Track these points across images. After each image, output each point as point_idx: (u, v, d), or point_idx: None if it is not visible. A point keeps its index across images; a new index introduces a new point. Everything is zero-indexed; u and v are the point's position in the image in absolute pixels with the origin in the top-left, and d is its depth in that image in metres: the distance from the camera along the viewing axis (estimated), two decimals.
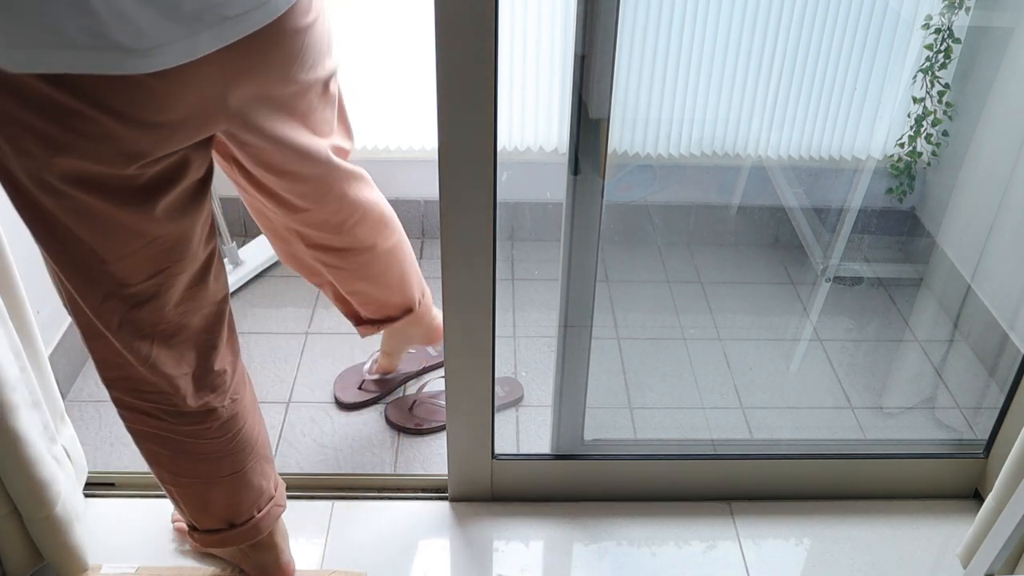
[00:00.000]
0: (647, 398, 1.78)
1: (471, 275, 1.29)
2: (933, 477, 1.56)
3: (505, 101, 2.02)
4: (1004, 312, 1.81)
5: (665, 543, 1.49)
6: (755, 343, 1.95)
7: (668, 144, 2.06)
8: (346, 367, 1.84)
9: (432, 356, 1.84)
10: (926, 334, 1.98)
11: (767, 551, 1.48)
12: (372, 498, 1.56)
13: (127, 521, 1.50)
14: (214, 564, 1.43)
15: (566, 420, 1.54)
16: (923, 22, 1.94)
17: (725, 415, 1.76)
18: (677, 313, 2.00)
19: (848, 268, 2.11)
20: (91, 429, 1.69)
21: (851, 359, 1.90)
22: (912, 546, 1.49)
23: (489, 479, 1.52)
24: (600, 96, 1.29)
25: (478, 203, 1.22)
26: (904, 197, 2.12)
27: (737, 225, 2.19)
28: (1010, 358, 1.74)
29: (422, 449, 1.67)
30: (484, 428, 1.45)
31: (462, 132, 1.17)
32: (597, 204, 1.37)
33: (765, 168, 2.16)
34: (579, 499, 1.55)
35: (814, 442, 1.70)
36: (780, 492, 1.56)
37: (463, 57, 1.11)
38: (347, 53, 1.68)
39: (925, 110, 2.01)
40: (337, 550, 1.46)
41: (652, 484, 1.55)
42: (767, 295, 2.07)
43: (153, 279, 1.07)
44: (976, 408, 1.78)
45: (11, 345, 1.22)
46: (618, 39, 1.25)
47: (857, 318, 2.01)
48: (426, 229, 2.28)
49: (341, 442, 1.69)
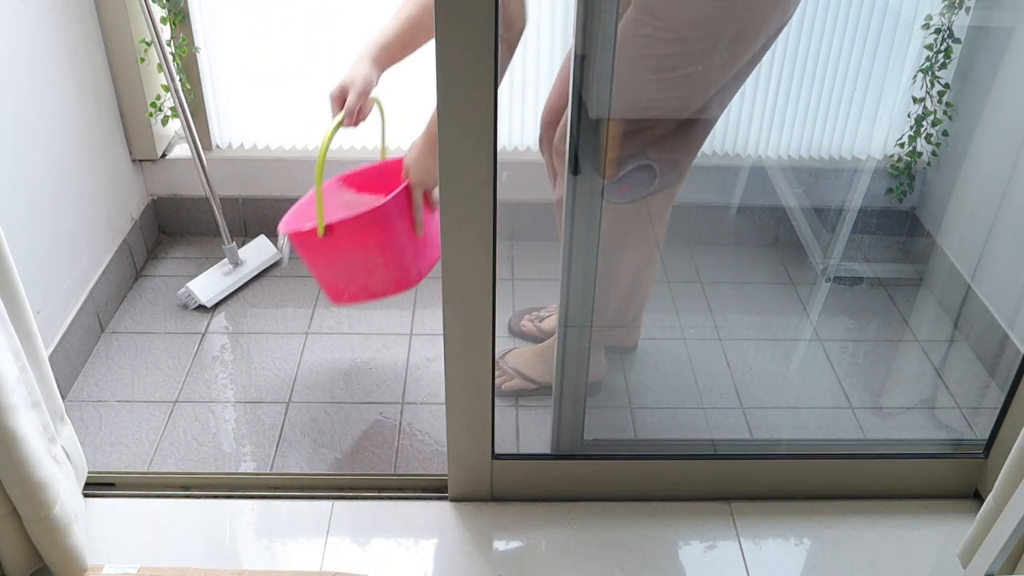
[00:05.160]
0: (647, 398, 1.79)
1: (471, 275, 1.29)
2: (933, 477, 1.56)
3: (505, 101, 2.02)
4: (1004, 312, 1.81)
5: (665, 543, 1.49)
6: (755, 343, 1.95)
7: None
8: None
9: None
10: (926, 334, 1.98)
11: (767, 551, 1.48)
12: (372, 498, 1.56)
13: (127, 521, 1.50)
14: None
15: (566, 420, 1.54)
16: (923, 22, 1.94)
17: (725, 415, 1.76)
18: (677, 313, 2.00)
19: (848, 268, 2.11)
20: (91, 429, 1.69)
21: (851, 359, 1.90)
22: (912, 546, 1.49)
23: (489, 479, 1.52)
24: (600, 96, 1.29)
25: (478, 203, 1.22)
26: (904, 197, 2.12)
27: (737, 225, 2.19)
28: (1010, 358, 1.75)
29: (422, 449, 1.68)
30: (484, 428, 1.45)
31: (462, 132, 1.17)
32: (597, 204, 1.37)
33: (765, 168, 2.16)
34: (579, 499, 1.55)
35: (814, 442, 1.70)
36: (780, 492, 1.56)
37: (463, 57, 1.11)
38: (347, 53, 1.68)
39: (925, 110, 2.01)
40: (337, 550, 1.46)
41: (652, 484, 1.55)
42: (767, 295, 2.07)
43: None
44: (976, 408, 1.78)
45: (11, 345, 1.22)
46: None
47: (857, 318, 2.01)
48: None
49: (341, 442, 1.69)
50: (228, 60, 2.08)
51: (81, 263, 1.85)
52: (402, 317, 2.01)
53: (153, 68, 2.04)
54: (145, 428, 1.70)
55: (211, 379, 1.83)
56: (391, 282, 1.63)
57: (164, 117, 2.09)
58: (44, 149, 1.71)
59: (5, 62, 1.57)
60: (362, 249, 1.57)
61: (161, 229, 2.25)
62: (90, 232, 1.90)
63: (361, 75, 1.54)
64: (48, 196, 1.72)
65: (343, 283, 1.64)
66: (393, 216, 1.54)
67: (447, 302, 1.32)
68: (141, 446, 1.66)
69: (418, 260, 1.64)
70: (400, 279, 1.63)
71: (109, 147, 1.99)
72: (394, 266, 1.61)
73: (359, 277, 1.62)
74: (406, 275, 1.63)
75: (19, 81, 1.62)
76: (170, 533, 1.48)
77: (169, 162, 2.15)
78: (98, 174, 1.93)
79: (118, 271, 2.01)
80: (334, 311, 2.03)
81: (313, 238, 1.55)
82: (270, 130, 2.17)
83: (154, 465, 1.63)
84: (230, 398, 1.78)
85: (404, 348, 1.92)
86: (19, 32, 1.61)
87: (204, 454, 1.65)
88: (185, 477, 1.58)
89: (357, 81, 1.54)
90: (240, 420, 1.73)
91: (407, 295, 2.08)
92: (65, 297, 1.78)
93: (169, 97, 2.04)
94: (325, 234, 1.53)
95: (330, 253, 1.60)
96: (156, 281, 2.10)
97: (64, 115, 1.78)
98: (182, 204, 2.21)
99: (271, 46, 2.04)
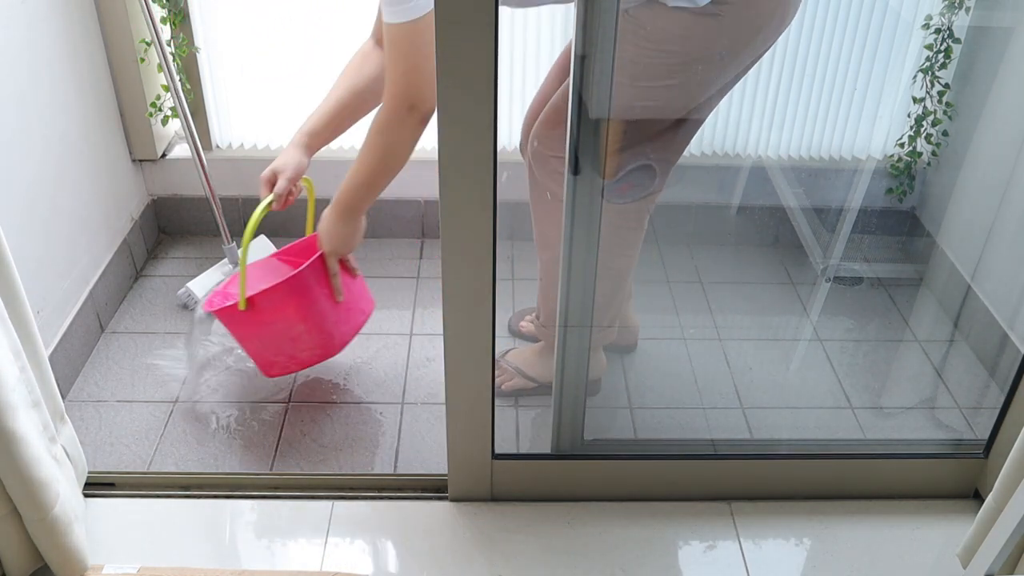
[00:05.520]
0: (647, 398, 1.79)
1: (471, 275, 1.29)
2: (933, 477, 1.56)
3: (505, 101, 2.02)
4: (1004, 312, 1.81)
5: (665, 543, 1.49)
6: (755, 343, 1.95)
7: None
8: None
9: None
10: (926, 334, 1.98)
11: (767, 551, 1.48)
12: (372, 498, 1.56)
13: (127, 521, 1.50)
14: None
15: (566, 420, 1.54)
16: (923, 22, 1.94)
17: (725, 415, 1.76)
18: (677, 313, 2.00)
19: (848, 268, 2.11)
20: (91, 429, 1.69)
21: (851, 359, 1.90)
22: (912, 546, 1.49)
23: (489, 479, 1.52)
24: (600, 96, 1.29)
25: (478, 203, 1.22)
26: (904, 197, 2.12)
27: (737, 225, 2.19)
28: (1010, 358, 1.75)
29: (422, 449, 1.68)
30: (484, 428, 1.46)
31: (462, 132, 1.17)
32: (597, 204, 1.37)
33: (765, 168, 2.16)
34: (579, 499, 1.55)
35: (814, 442, 1.70)
36: (780, 492, 1.56)
37: (463, 57, 1.11)
38: (347, 53, 1.68)
39: (925, 110, 2.01)
40: (337, 550, 1.46)
41: (652, 484, 1.55)
42: (767, 295, 2.07)
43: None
44: (976, 408, 1.78)
45: (11, 345, 1.22)
46: (618, 39, 1.25)
47: (857, 318, 2.01)
48: (426, 229, 2.28)
49: (341, 442, 1.69)
50: (228, 60, 2.08)
51: (81, 263, 1.85)
52: (402, 317, 2.01)
53: (153, 68, 2.04)
54: (145, 428, 1.70)
55: (211, 379, 1.83)
56: (317, 348, 1.69)
57: (164, 117, 2.09)
58: (44, 149, 1.71)
59: (5, 62, 1.57)
60: (283, 319, 1.63)
61: (161, 229, 2.25)
62: (90, 232, 1.90)
63: (292, 162, 1.65)
64: (48, 196, 1.72)
65: (271, 355, 1.70)
66: (309, 284, 1.61)
67: (447, 302, 1.32)
68: (141, 446, 1.66)
69: (340, 325, 1.70)
70: (325, 345, 1.70)
71: (109, 147, 1.99)
72: (317, 332, 1.67)
73: (285, 347, 1.68)
74: (330, 340, 1.70)
75: (19, 81, 1.62)
76: (170, 533, 1.48)
77: (169, 162, 2.15)
78: (98, 174, 1.93)
79: (118, 271, 2.01)
80: None
81: (236, 312, 1.62)
82: (270, 130, 2.17)
83: (154, 465, 1.63)
84: (230, 398, 1.78)
85: (404, 348, 1.92)
86: (19, 32, 1.61)
87: (204, 454, 1.65)
88: (185, 477, 1.58)
89: (288, 168, 1.64)
90: (240, 420, 1.73)
91: (407, 295, 2.08)
92: (65, 297, 1.78)
93: (169, 97, 2.04)
94: (247, 307, 1.60)
95: (255, 326, 1.66)
96: (156, 281, 2.10)
97: (64, 115, 1.78)
98: (182, 204, 2.21)
99: (271, 46, 2.04)
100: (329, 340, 1.69)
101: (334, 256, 1.64)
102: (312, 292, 1.62)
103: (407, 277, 2.15)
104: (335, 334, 1.70)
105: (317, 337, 1.67)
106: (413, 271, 2.18)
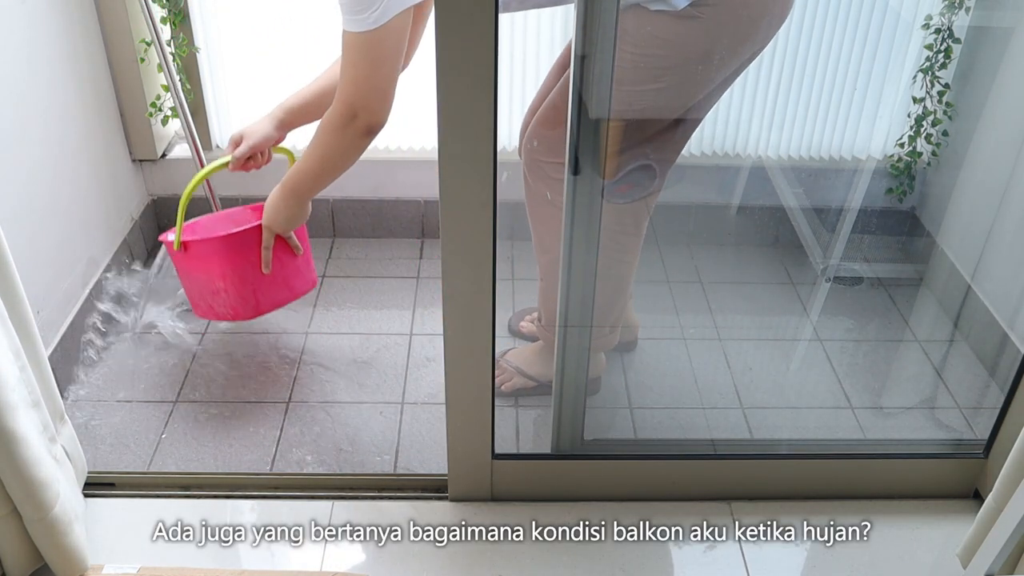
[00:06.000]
0: (647, 398, 1.78)
1: (471, 275, 1.29)
2: (933, 477, 1.56)
3: (505, 101, 2.02)
4: (1004, 312, 1.81)
5: (665, 543, 1.49)
6: (755, 343, 1.95)
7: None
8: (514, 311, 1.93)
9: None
10: (926, 334, 1.98)
11: (767, 551, 1.48)
12: (372, 498, 1.56)
13: (127, 521, 1.50)
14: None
15: (566, 420, 1.54)
16: (923, 22, 1.94)
17: (725, 415, 1.76)
18: (677, 313, 2.00)
19: (848, 268, 2.11)
20: (91, 429, 1.69)
21: (851, 359, 1.90)
22: (912, 546, 1.49)
23: (489, 479, 1.52)
24: (600, 96, 1.29)
25: (478, 203, 1.22)
26: (904, 197, 2.12)
27: (737, 225, 2.19)
28: (1010, 358, 1.75)
29: (422, 449, 1.68)
30: (484, 428, 1.46)
31: (462, 132, 1.17)
32: (597, 204, 1.37)
33: (765, 168, 2.16)
34: (579, 499, 1.55)
35: (814, 442, 1.70)
36: (780, 492, 1.56)
37: (463, 57, 1.11)
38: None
39: (925, 110, 2.01)
40: (337, 550, 1.46)
41: (652, 484, 1.55)
42: (767, 295, 2.08)
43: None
44: (976, 408, 1.78)
45: (11, 345, 1.22)
46: (618, 39, 1.25)
47: (857, 318, 2.01)
48: (426, 229, 2.28)
49: (341, 442, 1.69)
50: (228, 60, 2.08)
51: (81, 263, 1.85)
52: (402, 317, 2.01)
53: (153, 68, 2.04)
54: (145, 428, 1.70)
55: (211, 379, 1.83)
56: (232, 309, 1.74)
57: (164, 117, 2.09)
58: (44, 149, 1.71)
59: (5, 62, 1.57)
60: (206, 272, 1.71)
61: (161, 229, 2.25)
62: (90, 232, 1.90)
63: (261, 130, 1.71)
64: (48, 196, 1.72)
65: (196, 298, 1.78)
66: (238, 248, 1.68)
67: (447, 302, 1.32)
68: (141, 446, 1.66)
69: (261, 294, 1.74)
70: (243, 308, 1.74)
71: (109, 147, 1.99)
72: (235, 294, 1.71)
73: (206, 296, 1.74)
74: (247, 305, 1.74)
75: (19, 81, 1.62)
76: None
77: (169, 162, 2.15)
78: (98, 174, 1.93)
79: (118, 271, 2.01)
80: (334, 311, 2.03)
81: (172, 250, 1.73)
82: None
83: (154, 465, 1.63)
84: (230, 398, 1.78)
85: (404, 348, 1.92)
86: (18, 32, 1.61)
87: (204, 454, 1.65)
88: (185, 477, 1.58)
89: (255, 135, 1.71)
90: (240, 420, 1.73)
91: (407, 295, 2.08)
92: (65, 297, 1.78)
93: (169, 97, 2.04)
94: (181, 249, 1.70)
95: (186, 268, 1.76)
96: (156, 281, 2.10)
97: (64, 115, 1.78)
98: None
99: (271, 46, 2.04)
100: (246, 305, 1.74)
101: (270, 231, 1.67)
102: (239, 256, 1.68)
103: (407, 277, 2.15)
104: (254, 302, 1.74)
105: (235, 298, 1.72)
106: (413, 271, 2.18)
